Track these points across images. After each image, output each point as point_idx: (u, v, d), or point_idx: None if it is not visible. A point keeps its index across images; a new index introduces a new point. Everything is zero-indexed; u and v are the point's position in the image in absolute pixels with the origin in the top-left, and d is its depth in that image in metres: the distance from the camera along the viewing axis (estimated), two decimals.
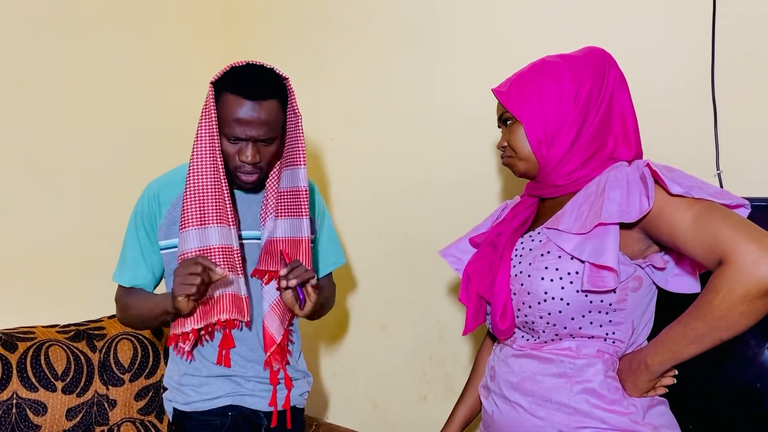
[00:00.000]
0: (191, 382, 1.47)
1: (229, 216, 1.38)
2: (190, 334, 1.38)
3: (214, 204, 1.37)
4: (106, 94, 2.04)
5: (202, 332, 1.41)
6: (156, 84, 2.17)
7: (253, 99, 1.32)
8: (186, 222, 1.36)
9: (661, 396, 1.08)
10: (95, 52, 2.02)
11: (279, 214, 1.44)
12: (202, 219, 1.36)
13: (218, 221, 1.37)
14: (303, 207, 1.43)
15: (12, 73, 1.83)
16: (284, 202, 1.44)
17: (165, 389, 1.53)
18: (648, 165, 1.02)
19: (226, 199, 1.37)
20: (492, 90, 1.21)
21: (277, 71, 1.37)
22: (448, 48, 1.86)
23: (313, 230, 1.54)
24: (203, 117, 1.36)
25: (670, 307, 1.06)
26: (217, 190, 1.37)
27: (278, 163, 1.46)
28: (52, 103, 1.91)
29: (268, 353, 1.44)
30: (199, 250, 1.36)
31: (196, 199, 1.36)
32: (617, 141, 1.12)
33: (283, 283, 1.31)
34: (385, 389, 2.08)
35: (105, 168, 2.02)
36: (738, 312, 0.89)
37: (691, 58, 1.43)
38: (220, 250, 1.38)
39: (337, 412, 2.20)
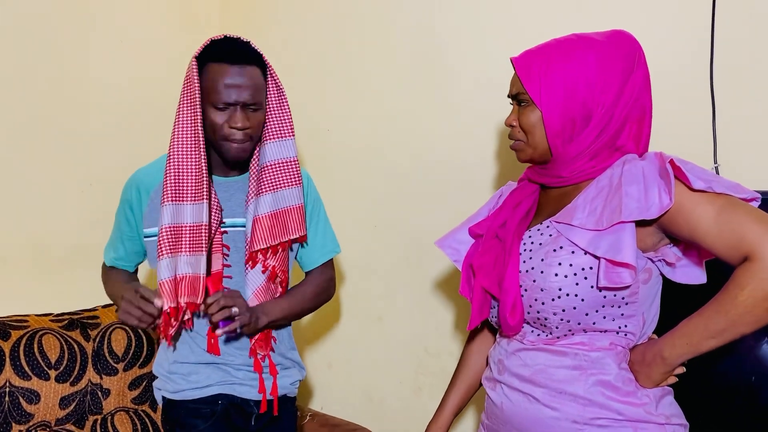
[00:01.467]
0: (180, 371, 1.46)
1: (205, 191, 1.37)
2: (170, 318, 1.37)
3: (192, 180, 1.36)
4: (102, 83, 2.03)
5: (185, 317, 1.39)
6: (152, 72, 2.16)
7: (238, 64, 1.35)
8: (164, 197, 1.36)
9: (671, 386, 1.08)
10: (91, 40, 2.00)
11: (264, 190, 1.43)
12: (178, 195, 1.36)
13: (194, 198, 1.37)
14: (296, 176, 1.47)
15: (6, 61, 1.81)
16: (272, 175, 1.44)
17: (155, 377, 1.52)
18: (672, 161, 0.99)
19: (204, 174, 1.37)
20: (511, 60, 1.14)
21: (253, 45, 1.40)
22: (446, 38, 1.85)
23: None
24: (185, 91, 1.37)
25: (674, 297, 1.05)
26: (196, 165, 1.36)
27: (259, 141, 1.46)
28: (47, 91, 1.90)
29: (253, 340, 1.44)
30: (171, 227, 1.35)
31: (175, 174, 1.36)
32: (629, 137, 1.08)
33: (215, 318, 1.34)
34: (380, 381, 2.08)
35: (100, 157, 2.01)
36: (763, 308, 0.90)
37: (690, 50, 1.42)
38: (190, 228, 1.37)
39: (332, 404, 2.20)
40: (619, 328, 1.05)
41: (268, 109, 1.43)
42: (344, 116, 2.11)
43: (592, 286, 1.02)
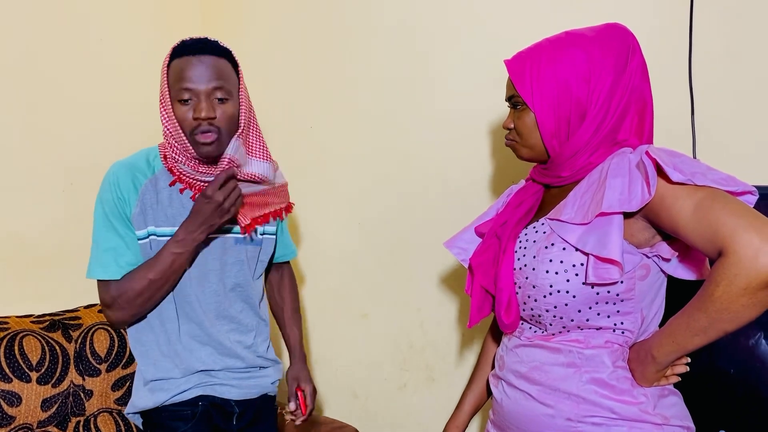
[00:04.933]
0: (163, 386, 1.43)
1: None
2: None
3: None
4: (81, 81, 2.00)
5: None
6: (132, 71, 2.14)
7: (196, 54, 1.30)
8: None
9: (674, 386, 1.07)
10: (71, 39, 1.98)
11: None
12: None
13: None
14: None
15: None
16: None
17: (132, 409, 1.48)
18: (647, 152, 0.98)
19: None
20: (504, 62, 1.14)
21: (222, 43, 1.36)
22: (432, 36, 1.85)
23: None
24: (161, 94, 1.33)
25: (681, 293, 1.04)
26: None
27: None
28: (25, 89, 1.87)
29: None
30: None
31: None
32: (630, 132, 1.07)
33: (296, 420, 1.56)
34: (365, 378, 2.08)
35: (80, 156, 1.99)
36: (740, 304, 0.87)
37: (668, 45, 1.43)
38: None
39: (317, 401, 2.20)
40: (615, 325, 1.05)
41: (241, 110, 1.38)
42: (327, 113, 2.11)
43: (583, 283, 1.02)
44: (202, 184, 1.39)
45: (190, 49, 1.30)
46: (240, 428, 1.49)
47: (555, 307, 1.06)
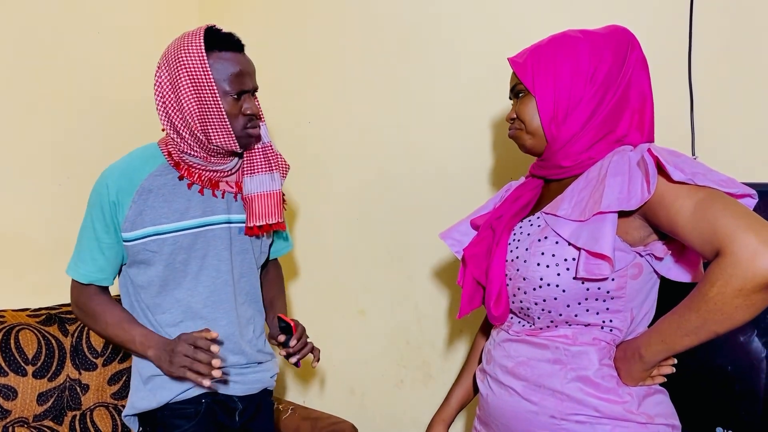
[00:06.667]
0: (164, 384, 1.41)
1: None
2: None
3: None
4: (79, 74, 2.00)
5: None
6: (130, 64, 2.13)
7: (242, 51, 1.37)
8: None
9: (660, 385, 1.07)
10: (68, 31, 1.97)
11: (256, 171, 1.45)
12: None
13: None
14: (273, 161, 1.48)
15: None
16: (259, 158, 1.46)
17: (130, 413, 1.46)
18: (649, 150, 0.98)
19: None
20: (508, 59, 1.17)
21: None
22: (432, 32, 1.84)
23: None
24: (199, 86, 1.29)
25: (673, 296, 1.03)
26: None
27: None
28: (23, 83, 1.86)
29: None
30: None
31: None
32: (630, 126, 1.07)
33: (292, 360, 1.45)
34: (362, 374, 2.08)
35: (77, 149, 1.98)
36: (733, 306, 0.87)
37: (668, 45, 1.43)
38: None
39: (314, 397, 2.20)
40: (604, 322, 1.04)
41: None
42: (325, 108, 2.10)
43: (574, 278, 1.02)
44: (212, 174, 1.41)
45: (234, 45, 1.35)
46: (242, 423, 1.49)
47: (544, 300, 1.06)
